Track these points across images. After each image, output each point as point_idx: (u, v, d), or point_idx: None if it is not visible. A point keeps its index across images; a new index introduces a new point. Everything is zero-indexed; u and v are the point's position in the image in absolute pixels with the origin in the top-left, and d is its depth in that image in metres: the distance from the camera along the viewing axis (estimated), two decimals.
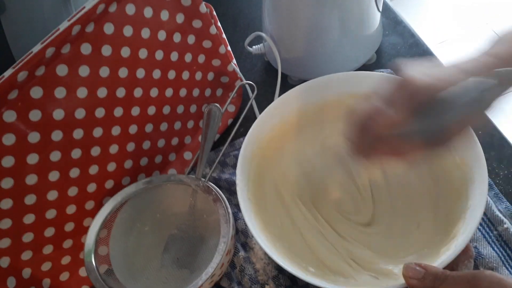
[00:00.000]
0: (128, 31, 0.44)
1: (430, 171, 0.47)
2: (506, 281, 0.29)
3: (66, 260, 0.47)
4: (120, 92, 0.45)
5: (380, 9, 0.56)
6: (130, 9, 0.43)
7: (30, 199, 0.42)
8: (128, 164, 0.49)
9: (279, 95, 0.50)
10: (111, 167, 0.48)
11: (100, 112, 0.44)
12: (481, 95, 0.33)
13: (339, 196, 0.48)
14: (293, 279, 0.45)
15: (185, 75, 0.52)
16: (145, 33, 0.45)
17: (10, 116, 0.38)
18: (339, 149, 0.50)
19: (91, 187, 0.47)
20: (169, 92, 0.51)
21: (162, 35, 0.47)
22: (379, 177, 0.48)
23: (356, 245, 0.44)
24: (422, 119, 0.34)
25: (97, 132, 0.45)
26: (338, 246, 0.45)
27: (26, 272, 0.44)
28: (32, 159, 0.41)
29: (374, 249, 0.44)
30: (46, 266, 0.45)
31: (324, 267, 0.43)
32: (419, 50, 0.59)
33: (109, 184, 0.48)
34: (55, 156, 0.42)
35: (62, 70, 0.40)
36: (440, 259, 0.38)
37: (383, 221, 0.46)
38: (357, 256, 0.43)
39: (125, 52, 0.44)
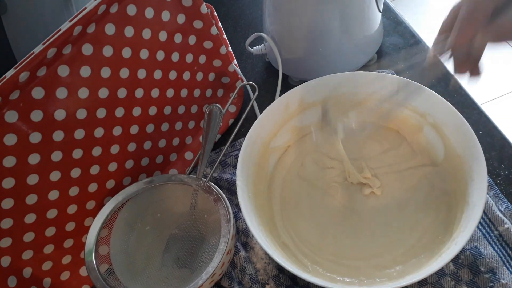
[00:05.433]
0: (129, 31, 0.44)
1: (430, 171, 0.47)
2: None
3: (67, 259, 0.47)
4: (122, 93, 0.45)
5: (381, 10, 0.56)
6: (131, 9, 0.44)
7: (31, 199, 0.42)
8: (129, 164, 0.50)
9: (280, 95, 0.50)
10: (112, 167, 0.48)
11: (101, 113, 0.44)
12: None
13: (339, 197, 0.48)
14: (293, 278, 0.45)
15: (186, 75, 0.52)
16: (146, 33, 0.46)
17: (11, 116, 0.38)
18: (338, 149, 0.51)
19: (92, 187, 0.47)
20: (170, 92, 0.51)
21: (163, 35, 0.47)
22: (374, 176, 0.49)
23: (357, 249, 0.44)
24: None
25: (99, 132, 0.45)
26: (338, 248, 0.45)
27: (27, 272, 0.44)
28: (34, 159, 0.41)
29: (375, 251, 0.44)
30: (46, 266, 0.45)
31: (324, 267, 0.43)
32: (420, 50, 0.59)
33: (110, 184, 0.48)
34: (57, 156, 0.42)
35: (63, 70, 0.40)
36: (441, 258, 0.38)
37: (383, 222, 0.46)
38: (357, 259, 0.44)
39: (126, 52, 0.44)
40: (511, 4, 0.33)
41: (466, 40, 0.35)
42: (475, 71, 0.37)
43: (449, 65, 0.58)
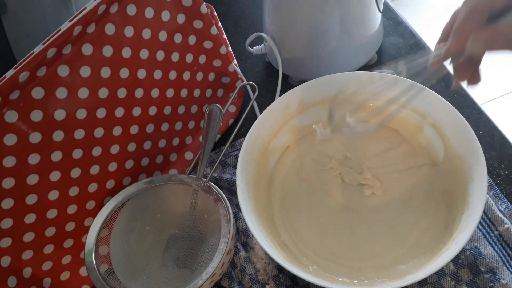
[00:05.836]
0: (129, 31, 0.44)
1: (430, 170, 0.47)
2: None
3: (66, 259, 0.47)
4: (121, 93, 0.45)
5: (381, 10, 0.56)
6: (131, 9, 0.44)
7: (31, 199, 0.42)
8: (129, 164, 0.50)
9: (280, 95, 0.50)
10: (112, 167, 0.48)
11: (101, 113, 0.44)
12: None
13: (339, 197, 0.48)
14: (293, 278, 0.45)
15: (186, 75, 0.52)
16: (146, 33, 0.46)
17: (11, 116, 0.38)
18: (337, 149, 0.51)
19: (92, 187, 0.47)
20: (170, 92, 0.51)
21: (163, 35, 0.47)
22: (375, 177, 0.49)
23: (357, 249, 0.44)
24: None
25: (98, 132, 0.45)
26: (338, 248, 0.45)
27: (27, 272, 0.44)
28: (34, 159, 0.41)
29: (375, 251, 0.44)
30: (46, 266, 0.45)
31: (325, 267, 0.43)
32: (420, 51, 0.59)
33: (110, 184, 0.48)
34: (56, 156, 0.42)
35: (63, 70, 0.40)
36: (441, 258, 0.38)
37: (383, 222, 0.46)
38: (357, 259, 0.44)
39: (126, 52, 0.44)
40: (508, 9, 0.33)
41: (462, 46, 0.34)
42: (474, 78, 0.36)
43: (450, 67, 0.58)
